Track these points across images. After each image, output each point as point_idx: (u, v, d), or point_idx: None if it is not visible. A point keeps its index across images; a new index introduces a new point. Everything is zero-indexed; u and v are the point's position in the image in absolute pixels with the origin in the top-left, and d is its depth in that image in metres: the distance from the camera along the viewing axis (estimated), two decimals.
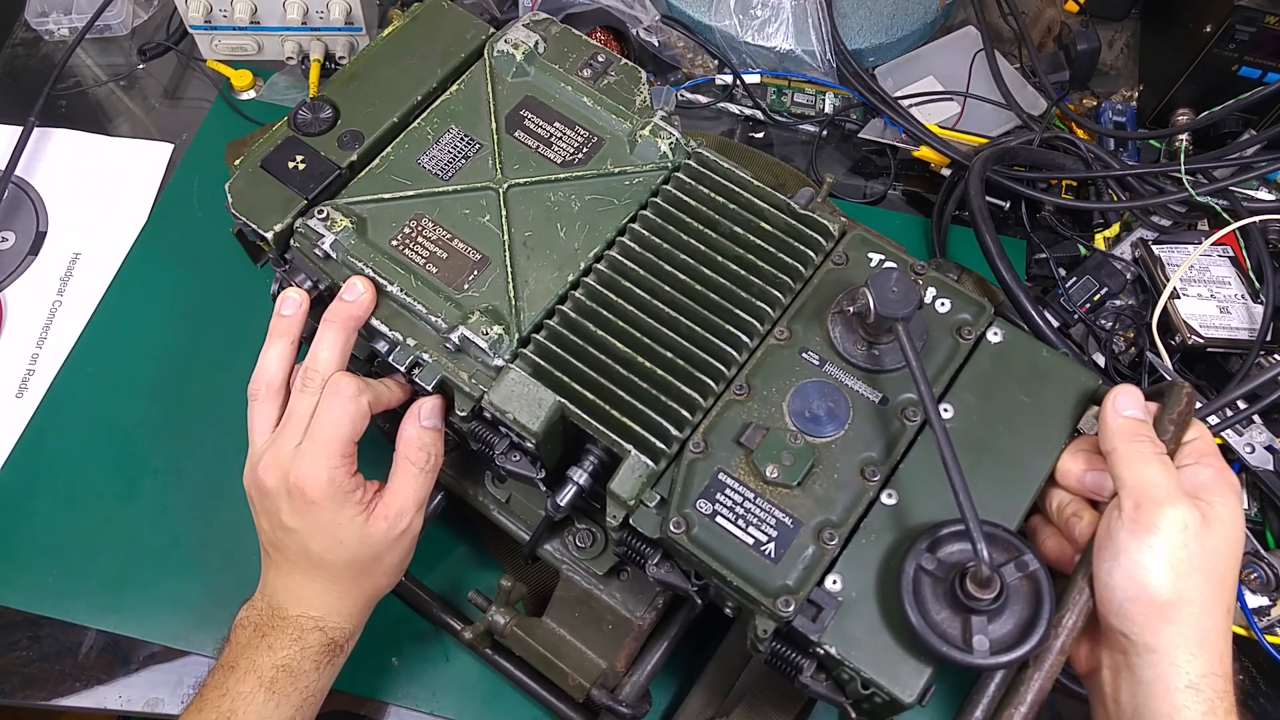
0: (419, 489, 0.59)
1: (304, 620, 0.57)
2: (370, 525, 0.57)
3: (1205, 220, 0.84)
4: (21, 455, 0.76)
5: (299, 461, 0.56)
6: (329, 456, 0.56)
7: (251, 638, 0.57)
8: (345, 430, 0.56)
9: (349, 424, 0.57)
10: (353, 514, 0.57)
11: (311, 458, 0.56)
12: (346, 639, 0.59)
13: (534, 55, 0.66)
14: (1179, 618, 0.47)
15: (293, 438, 0.57)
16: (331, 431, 0.56)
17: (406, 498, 0.58)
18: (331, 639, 0.58)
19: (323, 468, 0.56)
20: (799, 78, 0.92)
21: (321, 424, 0.56)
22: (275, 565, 0.59)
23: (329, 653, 0.58)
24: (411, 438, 0.59)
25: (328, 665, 0.58)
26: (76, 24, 0.95)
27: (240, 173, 0.62)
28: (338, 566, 0.58)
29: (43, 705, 0.68)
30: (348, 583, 0.58)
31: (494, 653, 0.66)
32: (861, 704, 0.51)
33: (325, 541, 0.57)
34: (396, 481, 0.59)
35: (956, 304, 0.58)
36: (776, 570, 0.51)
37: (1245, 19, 0.78)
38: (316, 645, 0.57)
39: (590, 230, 0.61)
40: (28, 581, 0.71)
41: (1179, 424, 0.52)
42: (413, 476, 0.58)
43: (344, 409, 0.57)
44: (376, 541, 0.57)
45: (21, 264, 0.85)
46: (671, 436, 0.54)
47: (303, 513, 0.56)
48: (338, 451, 0.56)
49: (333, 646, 0.58)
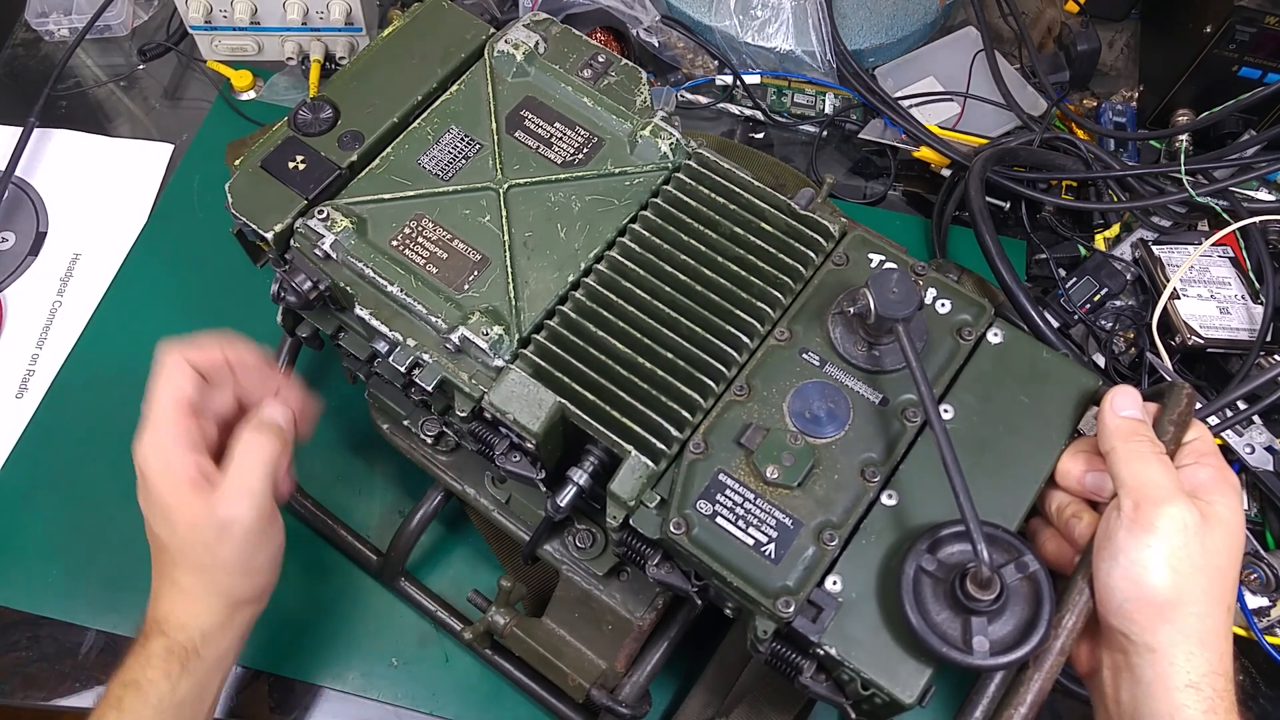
0: (252, 476, 0.56)
1: (150, 625, 0.56)
2: (203, 507, 0.54)
3: (1205, 221, 0.84)
4: (21, 455, 0.76)
5: (140, 435, 0.56)
6: (157, 426, 0.55)
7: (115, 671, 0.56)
8: (169, 395, 0.56)
9: (172, 387, 0.56)
10: (183, 492, 0.54)
11: (148, 429, 0.56)
12: (198, 644, 0.55)
13: (534, 55, 0.66)
14: (1178, 617, 0.47)
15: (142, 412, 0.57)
16: (157, 400, 0.56)
17: (237, 482, 0.55)
18: (176, 641, 0.55)
19: (151, 439, 0.55)
20: (799, 78, 0.92)
21: (147, 398, 0.56)
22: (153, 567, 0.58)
23: (176, 659, 0.55)
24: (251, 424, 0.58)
25: (181, 674, 0.55)
26: (76, 24, 0.95)
27: (240, 173, 0.61)
28: (175, 552, 0.55)
29: (43, 705, 0.68)
30: (192, 575, 0.56)
31: (494, 653, 0.66)
32: (861, 704, 0.51)
33: (160, 522, 0.55)
34: (230, 463, 0.56)
35: (957, 305, 0.58)
36: (776, 571, 0.51)
37: (1245, 19, 0.78)
38: (160, 651, 0.55)
39: (590, 231, 0.61)
40: (28, 581, 0.71)
41: (1179, 424, 0.52)
42: (247, 460, 0.56)
43: (166, 374, 0.56)
44: (206, 527, 0.54)
45: (21, 264, 0.85)
46: (672, 437, 0.54)
47: (145, 492, 0.56)
48: (164, 419, 0.55)
49: (178, 651, 0.55)
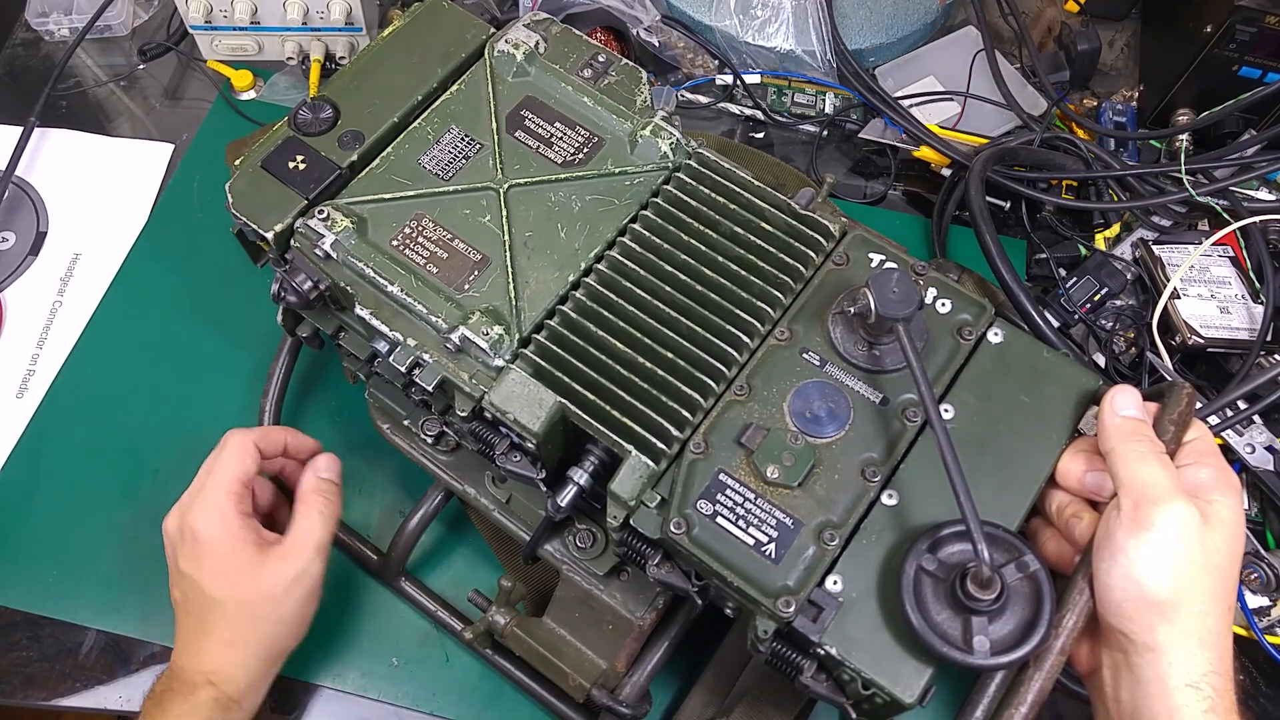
0: (318, 531, 0.61)
1: (196, 676, 0.57)
2: (265, 564, 0.59)
3: (1206, 220, 0.84)
4: (21, 455, 0.76)
5: (193, 505, 0.60)
6: (217, 495, 0.59)
7: (150, 708, 0.58)
8: (233, 470, 0.60)
9: (236, 463, 0.60)
10: (246, 552, 0.59)
11: (202, 499, 0.59)
12: (241, 695, 0.58)
13: (534, 55, 0.66)
14: (1178, 616, 0.47)
15: (194, 488, 0.61)
16: (220, 473, 0.60)
17: (304, 537, 0.60)
18: (224, 693, 0.57)
19: (211, 507, 0.59)
20: (799, 78, 0.92)
21: (210, 468, 0.61)
22: (179, 620, 0.60)
23: (221, 709, 0.57)
24: (309, 487, 0.62)
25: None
26: (77, 24, 0.95)
27: (241, 173, 0.61)
28: (230, 608, 0.58)
29: (43, 705, 0.68)
30: (244, 630, 0.58)
31: (494, 653, 0.66)
32: (862, 704, 0.51)
33: (217, 581, 0.58)
34: (296, 522, 0.61)
35: (957, 304, 0.58)
36: (777, 571, 0.51)
37: (1245, 19, 0.78)
38: (208, 702, 0.57)
39: (591, 230, 0.61)
40: (28, 581, 0.71)
41: (1179, 424, 0.52)
42: (312, 518, 0.61)
43: (231, 452, 0.61)
44: (270, 582, 0.58)
45: (22, 264, 0.85)
46: (672, 437, 0.54)
47: (197, 555, 0.59)
48: (224, 489, 0.59)
49: (225, 702, 0.57)
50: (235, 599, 0.58)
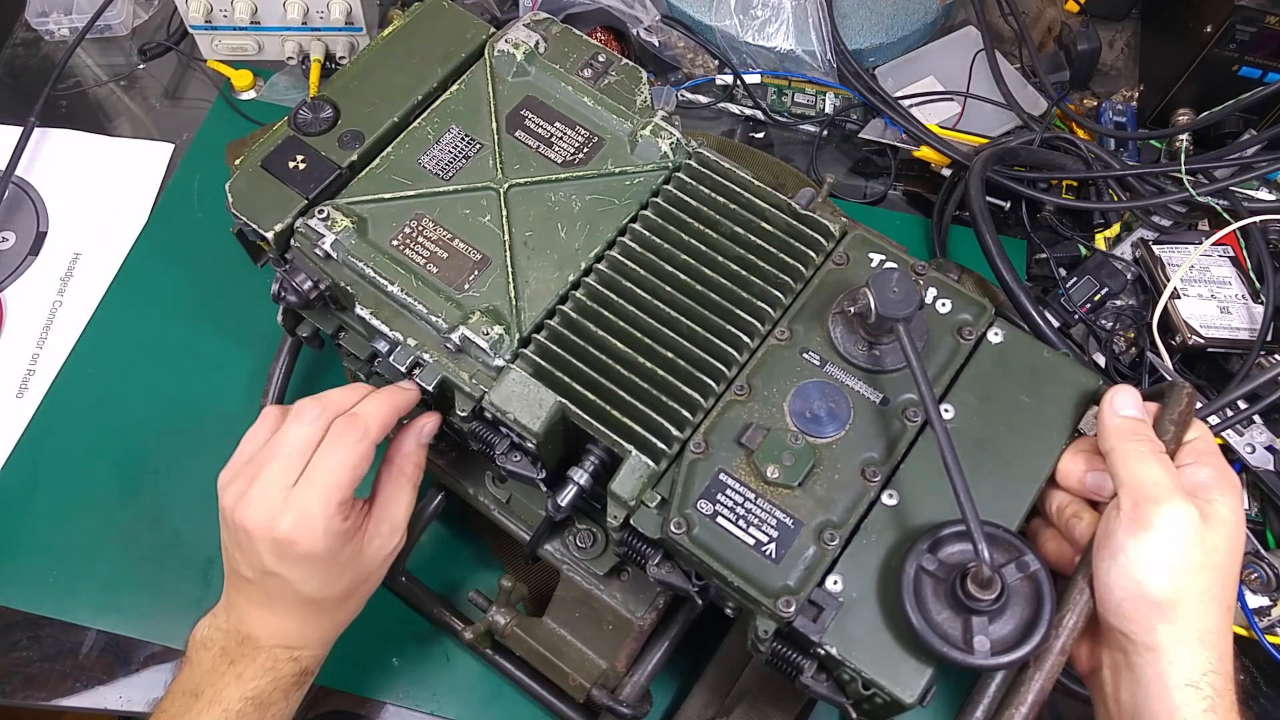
0: (410, 503, 0.58)
1: (279, 651, 0.55)
2: (366, 550, 0.55)
3: (1206, 220, 0.84)
4: (21, 455, 0.76)
5: (290, 508, 0.50)
6: (325, 505, 0.50)
7: (217, 663, 0.54)
8: (347, 477, 0.51)
9: (351, 471, 0.51)
10: (349, 550, 0.54)
11: (305, 507, 0.50)
12: (318, 664, 0.58)
13: (534, 55, 0.66)
14: (1177, 616, 0.47)
15: (283, 474, 0.51)
16: (332, 477, 0.51)
17: (399, 512, 0.57)
18: (305, 668, 0.57)
19: (318, 519, 0.50)
20: (799, 78, 0.92)
21: (321, 468, 0.51)
22: (248, 596, 0.55)
23: (300, 681, 0.57)
24: (409, 453, 0.58)
25: (296, 692, 0.57)
26: (77, 24, 0.95)
27: (241, 173, 0.61)
28: (328, 600, 0.55)
29: (43, 705, 0.68)
30: (332, 612, 0.57)
31: (494, 653, 0.66)
32: (862, 704, 0.51)
33: (318, 584, 0.53)
34: (389, 495, 0.56)
35: (957, 304, 0.58)
36: (777, 571, 0.51)
37: (1245, 19, 0.78)
38: (290, 675, 0.55)
39: (591, 230, 0.61)
40: (28, 581, 0.71)
41: (1179, 424, 0.52)
42: (406, 490, 0.57)
43: (348, 454, 0.51)
44: (370, 565, 0.56)
45: (21, 264, 0.85)
46: (672, 437, 0.54)
47: (292, 562, 0.52)
48: (335, 499, 0.51)
49: (305, 675, 0.57)
50: (335, 592, 0.55)
